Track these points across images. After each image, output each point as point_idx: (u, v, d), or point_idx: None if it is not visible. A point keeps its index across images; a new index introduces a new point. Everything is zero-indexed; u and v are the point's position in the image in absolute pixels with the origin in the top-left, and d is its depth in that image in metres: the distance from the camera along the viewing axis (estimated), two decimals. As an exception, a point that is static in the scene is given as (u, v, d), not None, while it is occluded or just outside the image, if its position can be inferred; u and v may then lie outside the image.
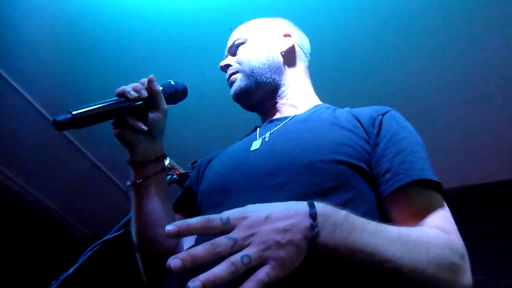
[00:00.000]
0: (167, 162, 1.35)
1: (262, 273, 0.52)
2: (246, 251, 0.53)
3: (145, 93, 0.80)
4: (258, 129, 1.04)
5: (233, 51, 1.12)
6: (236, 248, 0.53)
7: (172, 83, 0.96)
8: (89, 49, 3.05)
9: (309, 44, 1.19)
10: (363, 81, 3.04)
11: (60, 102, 3.53)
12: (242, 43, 1.10)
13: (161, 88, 0.91)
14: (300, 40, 1.15)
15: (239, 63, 1.06)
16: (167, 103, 0.89)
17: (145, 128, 0.86)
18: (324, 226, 0.59)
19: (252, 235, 0.54)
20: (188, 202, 1.04)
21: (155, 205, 0.87)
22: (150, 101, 0.84)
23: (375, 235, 0.63)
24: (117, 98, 0.82)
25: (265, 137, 0.95)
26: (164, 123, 0.91)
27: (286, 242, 0.55)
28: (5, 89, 3.39)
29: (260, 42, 1.09)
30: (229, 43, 1.13)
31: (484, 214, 3.49)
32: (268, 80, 1.05)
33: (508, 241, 3.26)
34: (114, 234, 1.03)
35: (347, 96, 3.07)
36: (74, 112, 0.75)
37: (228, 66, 1.09)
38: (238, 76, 1.06)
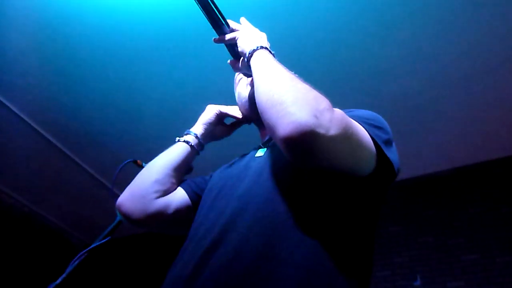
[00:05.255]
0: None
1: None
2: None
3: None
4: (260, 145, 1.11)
5: None
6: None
7: None
8: (73, 56, 3.04)
9: None
10: (346, 68, 3.06)
11: (49, 111, 3.53)
12: None
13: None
14: None
15: None
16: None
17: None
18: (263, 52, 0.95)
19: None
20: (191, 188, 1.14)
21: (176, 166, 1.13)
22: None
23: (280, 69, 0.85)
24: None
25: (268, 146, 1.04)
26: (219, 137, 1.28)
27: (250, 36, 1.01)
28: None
29: None
30: None
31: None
32: None
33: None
34: (101, 242, 1.04)
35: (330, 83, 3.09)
36: None
37: None
38: None
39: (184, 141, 1.17)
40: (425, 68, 3.00)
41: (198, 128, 1.21)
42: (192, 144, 1.16)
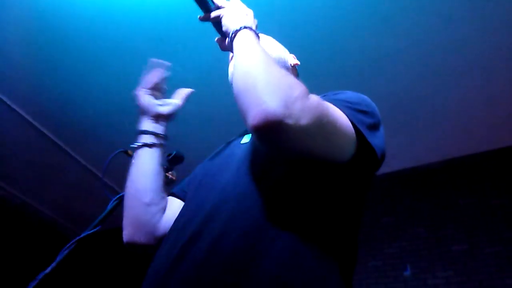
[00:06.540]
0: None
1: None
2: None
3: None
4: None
5: None
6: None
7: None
8: (67, 47, 3.02)
9: None
10: (341, 59, 3.07)
11: (42, 103, 3.50)
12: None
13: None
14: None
15: None
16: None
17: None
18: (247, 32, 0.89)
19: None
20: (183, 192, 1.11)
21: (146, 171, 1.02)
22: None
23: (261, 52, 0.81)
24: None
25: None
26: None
27: (233, 14, 0.95)
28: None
29: (277, 48, 1.19)
30: None
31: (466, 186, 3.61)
32: None
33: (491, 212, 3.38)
34: (91, 231, 1.04)
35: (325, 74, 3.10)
36: None
37: None
38: None
39: (140, 145, 1.06)
40: (419, 62, 3.01)
41: (142, 121, 1.11)
42: (149, 142, 1.06)
